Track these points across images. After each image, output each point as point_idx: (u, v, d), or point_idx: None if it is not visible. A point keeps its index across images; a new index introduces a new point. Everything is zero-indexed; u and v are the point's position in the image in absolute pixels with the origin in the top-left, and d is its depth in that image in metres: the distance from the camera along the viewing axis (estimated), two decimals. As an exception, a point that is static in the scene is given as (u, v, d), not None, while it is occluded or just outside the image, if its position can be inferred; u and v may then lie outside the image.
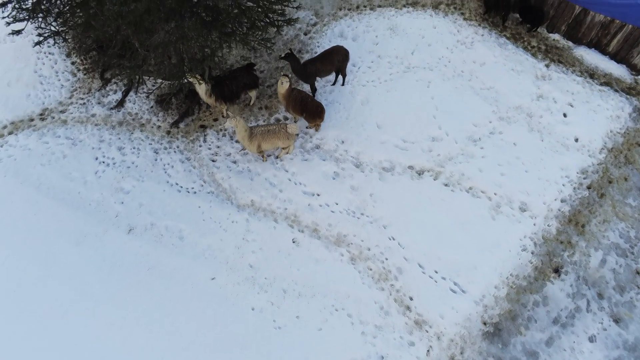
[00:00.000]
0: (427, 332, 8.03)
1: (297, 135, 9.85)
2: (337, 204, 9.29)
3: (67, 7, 8.84)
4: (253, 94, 10.22)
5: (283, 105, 9.88)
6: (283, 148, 9.54)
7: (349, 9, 11.93)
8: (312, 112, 9.47)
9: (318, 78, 10.31)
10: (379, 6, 12.00)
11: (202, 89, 9.40)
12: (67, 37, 9.34)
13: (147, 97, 10.67)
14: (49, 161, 9.72)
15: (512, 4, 11.42)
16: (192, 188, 9.51)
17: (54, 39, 9.44)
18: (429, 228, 8.98)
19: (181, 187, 9.52)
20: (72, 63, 11.13)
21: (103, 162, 9.77)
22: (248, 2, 8.70)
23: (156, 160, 9.82)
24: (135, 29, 8.33)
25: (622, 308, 8.29)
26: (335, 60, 9.94)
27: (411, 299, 8.34)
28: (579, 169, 9.65)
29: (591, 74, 10.92)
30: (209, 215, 9.15)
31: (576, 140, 10.00)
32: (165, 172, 9.69)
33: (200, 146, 10.03)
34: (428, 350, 7.89)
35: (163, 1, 8.47)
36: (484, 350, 7.94)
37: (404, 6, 11.96)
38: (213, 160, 9.85)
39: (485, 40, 11.38)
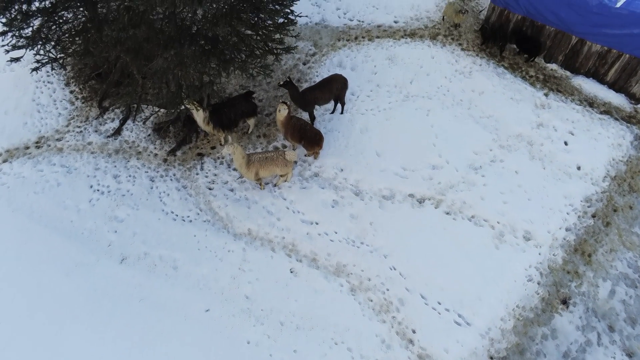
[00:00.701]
0: (431, 367, 7.65)
1: (296, 162, 9.72)
2: (336, 233, 9.06)
3: (67, 35, 8.88)
4: (251, 121, 10.16)
5: (281, 132, 9.79)
6: (281, 176, 9.39)
7: (347, 40, 12.05)
8: (311, 139, 9.37)
9: (317, 106, 10.27)
10: (378, 37, 12.12)
11: (199, 116, 9.34)
12: (65, 64, 9.32)
13: (144, 125, 10.60)
14: (43, 189, 9.54)
15: (509, 35, 11.54)
16: (188, 216, 9.30)
17: (52, 66, 9.44)
18: (430, 257, 8.72)
19: (176, 215, 9.30)
20: (71, 92, 11.12)
21: (98, 190, 9.59)
22: (247, 30, 8.75)
23: (152, 188, 9.65)
24: (134, 55, 8.32)
25: (635, 341, 7.92)
26: (334, 88, 9.93)
27: (414, 331, 7.99)
28: (582, 197, 9.47)
29: (590, 103, 10.90)
30: (205, 244, 8.90)
31: (578, 168, 9.86)
32: (161, 200, 9.49)
33: (197, 174, 9.88)
34: (432, 387, 7.49)
35: (162, 29, 8.53)
36: (492, 387, 7.54)
37: (402, 37, 12.08)
38: (210, 188, 9.68)
39: (484, 69, 11.44)
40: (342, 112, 10.66)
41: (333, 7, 12.70)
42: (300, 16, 9.42)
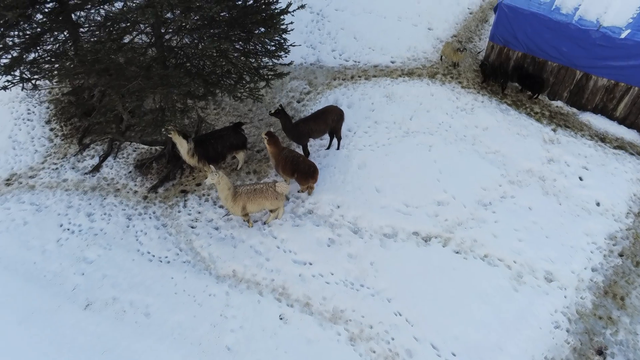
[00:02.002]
0: None
1: (287, 196, 8.86)
2: (332, 274, 8.01)
3: (45, 57, 8.39)
4: (241, 156, 9.43)
5: (273, 165, 9.04)
6: (271, 211, 8.49)
7: (343, 79, 11.66)
8: (305, 172, 8.59)
9: (311, 140, 9.62)
10: (374, 76, 11.75)
11: (183, 147, 8.62)
12: (37, 84, 8.73)
13: (126, 161, 9.86)
14: (7, 228, 8.61)
15: (510, 72, 11.17)
16: (166, 257, 8.28)
17: (23, 86, 8.81)
18: (440, 301, 7.62)
19: (153, 256, 8.30)
20: (51, 129, 10.51)
21: (68, 229, 8.64)
22: (238, 55, 8.28)
23: (128, 227, 8.71)
24: (115, 77, 7.76)
25: (689, 400, 6.66)
26: (330, 120, 9.32)
27: (425, 389, 6.74)
28: (606, 234, 8.53)
29: (602, 138, 10.27)
30: (183, 287, 7.82)
31: (598, 204, 9.01)
32: (137, 240, 8.53)
33: (180, 211, 8.98)
34: None
35: (145, 52, 8.06)
36: None
37: (400, 76, 11.70)
38: (192, 227, 8.74)
39: (486, 106, 10.93)
40: (338, 148, 9.98)
41: (328, 49, 12.46)
42: (293, 45, 9.02)
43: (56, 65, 8.26)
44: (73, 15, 8.68)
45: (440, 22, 13.09)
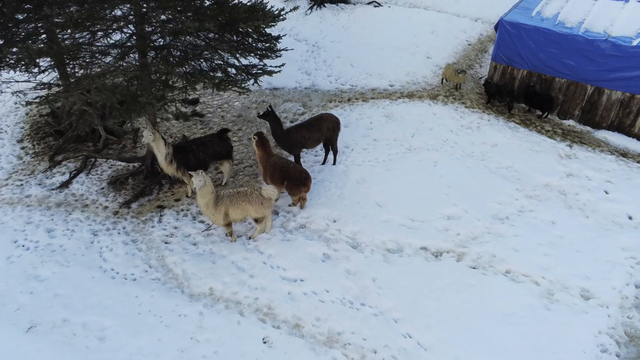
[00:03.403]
0: None
1: (277, 211, 7.78)
2: (327, 292, 6.74)
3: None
4: (226, 168, 8.48)
5: (260, 172, 8.06)
6: (257, 221, 7.38)
7: (339, 101, 11.03)
8: (296, 179, 7.62)
9: (304, 150, 8.74)
10: (372, 98, 11.14)
11: (161, 151, 7.69)
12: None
13: (100, 177, 8.90)
14: (-49, 245, 7.45)
15: (516, 92, 10.56)
16: (132, 274, 7.05)
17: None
18: (458, 323, 6.30)
19: (117, 273, 7.07)
20: (22, 148, 9.65)
21: (22, 246, 7.47)
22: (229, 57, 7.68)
23: (92, 243, 7.55)
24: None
25: None
26: (324, 128, 8.49)
27: None
28: (644, 249, 7.37)
29: (623, 154, 9.40)
30: (149, 307, 6.52)
31: (630, 218, 7.93)
32: (101, 256, 7.33)
33: (153, 227, 7.86)
34: None
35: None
36: None
37: (399, 98, 11.08)
38: (166, 242, 7.58)
39: (493, 124, 10.18)
40: (334, 163, 9.07)
41: (324, 74, 11.98)
42: (286, 50, 8.45)
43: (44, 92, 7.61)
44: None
45: (439, 52, 12.77)
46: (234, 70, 7.59)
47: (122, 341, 6.10)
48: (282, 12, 7.58)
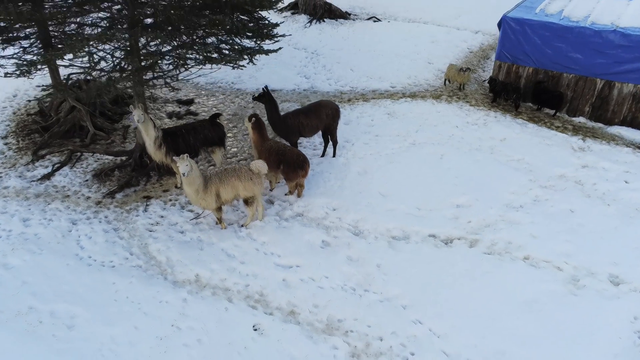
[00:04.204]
0: None
1: (264, 177, 7.03)
2: (327, 278, 6.05)
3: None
4: (218, 155, 7.94)
5: (255, 158, 7.49)
6: (248, 205, 6.76)
7: (339, 102, 10.62)
8: (293, 162, 7.07)
9: (302, 143, 8.23)
10: (374, 98, 10.74)
11: (150, 135, 7.15)
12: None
13: (84, 171, 8.35)
14: None
15: (523, 90, 10.17)
16: (111, 261, 6.37)
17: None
18: (474, 310, 5.58)
19: (95, 260, 6.39)
20: (5, 144, 9.15)
21: (-7, 234, 6.84)
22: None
23: (70, 231, 6.91)
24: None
25: None
26: (323, 115, 8.02)
27: (467, 421, 4.46)
28: (674, 236, 6.72)
29: (639, 147, 8.90)
30: (126, 294, 5.82)
31: (654, 206, 7.33)
32: (78, 244, 6.67)
33: (138, 216, 7.24)
34: None
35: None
36: None
37: (401, 98, 10.70)
38: (150, 231, 6.94)
39: (500, 120, 9.72)
40: (334, 155, 8.54)
41: (323, 78, 11.65)
42: (283, 36, 8.13)
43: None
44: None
45: (440, 58, 12.53)
46: (227, 47, 7.20)
47: (93, 330, 5.37)
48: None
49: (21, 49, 8.49)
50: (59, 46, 7.98)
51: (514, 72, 10.44)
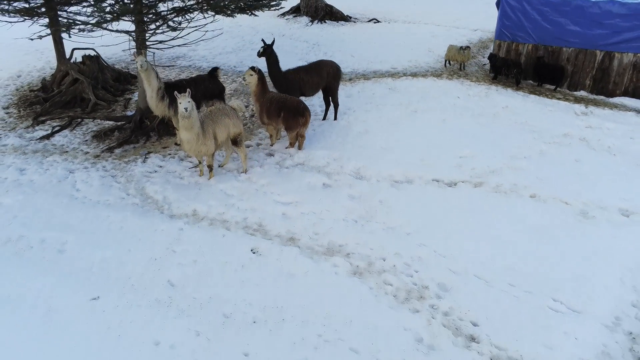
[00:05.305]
0: (526, 377, 3.67)
1: (243, 113, 6.87)
2: (328, 211, 5.86)
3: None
4: (218, 110, 7.88)
5: (256, 112, 7.41)
6: (237, 145, 6.63)
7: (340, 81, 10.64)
8: (293, 109, 7.01)
9: (303, 97, 8.18)
10: (375, 77, 10.78)
11: (153, 85, 7.09)
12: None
13: (84, 133, 8.30)
14: None
15: (524, 66, 10.19)
16: (107, 200, 6.22)
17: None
18: (481, 237, 5.37)
19: (90, 200, 6.24)
20: (7, 113, 9.15)
21: (-13, 181, 6.72)
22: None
23: (67, 178, 6.78)
24: None
25: None
26: (324, 73, 8.01)
27: (475, 324, 4.19)
28: (684, 179, 6.54)
29: (642, 112, 8.84)
30: (120, 225, 5.64)
31: (662, 156, 7.18)
32: (74, 187, 6.54)
33: (136, 165, 7.12)
34: (541, 411, 3.41)
35: None
36: (672, 412, 3.45)
37: (402, 76, 10.73)
38: (148, 177, 6.80)
39: (501, 93, 9.70)
40: (335, 118, 8.49)
41: (324, 62, 11.74)
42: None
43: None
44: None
45: (440, 47, 12.63)
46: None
47: (84, 252, 5.17)
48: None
49: None
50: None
51: (514, 50, 10.51)
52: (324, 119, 8.54)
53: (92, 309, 4.39)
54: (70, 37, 8.57)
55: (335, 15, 16.31)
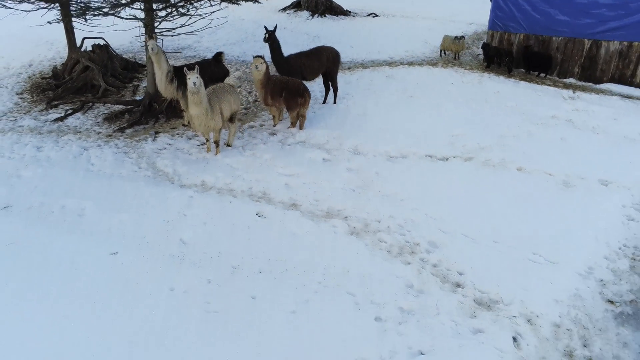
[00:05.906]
0: (504, 314, 4.09)
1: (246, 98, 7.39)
2: (327, 182, 6.29)
3: None
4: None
5: (260, 97, 7.83)
6: (232, 122, 7.17)
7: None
8: (294, 89, 7.44)
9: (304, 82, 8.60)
10: (372, 66, 11.22)
11: (162, 68, 7.52)
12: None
13: (96, 116, 8.73)
14: None
15: (515, 55, 10.63)
16: (120, 173, 6.65)
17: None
18: (470, 203, 5.80)
19: (104, 172, 6.67)
20: (21, 98, 9.58)
21: (7, 157, 7.14)
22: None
23: (82, 154, 7.21)
24: None
25: None
26: (324, 58, 8.45)
27: (461, 274, 4.62)
28: (663, 155, 6.97)
29: (628, 97, 9.25)
30: (135, 193, 6.07)
31: (643, 135, 7.61)
32: (89, 162, 6.97)
33: (146, 143, 7.56)
34: (515, 339, 3.83)
35: None
36: (629, 340, 3.87)
37: (399, 65, 11.17)
38: (158, 153, 7.24)
39: (493, 79, 10.13)
40: (334, 102, 8.92)
41: (324, 52, 12.17)
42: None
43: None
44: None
45: (436, 39, 13.06)
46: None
47: (102, 216, 5.58)
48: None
49: None
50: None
51: (506, 40, 10.95)
52: (324, 102, 8.97)
53: (112, 262, 4.81)
54: (86, 21, 8.96)
55: (335, 10, 16.77)
